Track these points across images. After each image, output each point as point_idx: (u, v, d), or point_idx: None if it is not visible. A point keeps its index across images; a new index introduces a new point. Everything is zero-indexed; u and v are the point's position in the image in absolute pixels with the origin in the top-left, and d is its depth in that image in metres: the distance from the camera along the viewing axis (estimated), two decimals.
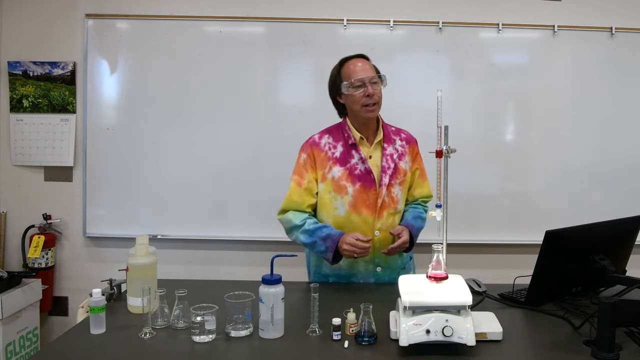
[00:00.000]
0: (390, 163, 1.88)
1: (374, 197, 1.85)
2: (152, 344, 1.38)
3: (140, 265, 1.57)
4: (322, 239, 1.80)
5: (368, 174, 1.85)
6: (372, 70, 1.86)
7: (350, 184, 1.85)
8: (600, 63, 2.86)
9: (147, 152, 2.91)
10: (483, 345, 1.34)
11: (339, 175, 1.85)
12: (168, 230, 2.93)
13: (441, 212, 1.48)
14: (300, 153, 1.94)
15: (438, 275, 1.40)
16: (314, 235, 1.82)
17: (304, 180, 1.90)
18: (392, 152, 1.91)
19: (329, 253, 1.79)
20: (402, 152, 1.92)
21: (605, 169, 2.89)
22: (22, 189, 3.00)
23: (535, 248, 1.63)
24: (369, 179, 1.85)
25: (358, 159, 1.86)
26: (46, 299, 2.87)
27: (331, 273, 1.93)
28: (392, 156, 1.90)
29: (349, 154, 1.87)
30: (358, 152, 1.87)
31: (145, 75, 2.89)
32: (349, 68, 1.86)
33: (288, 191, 1.92)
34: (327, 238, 1.80)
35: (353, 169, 1.85)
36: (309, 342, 1.40)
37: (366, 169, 1.85)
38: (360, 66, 1.85)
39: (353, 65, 1.86)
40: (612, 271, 1.59)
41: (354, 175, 1.85)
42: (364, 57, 1.90)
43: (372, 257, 1.89)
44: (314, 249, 1.84)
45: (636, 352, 1.32)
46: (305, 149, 1.93)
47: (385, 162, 1.88)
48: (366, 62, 1.88)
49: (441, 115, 1.48)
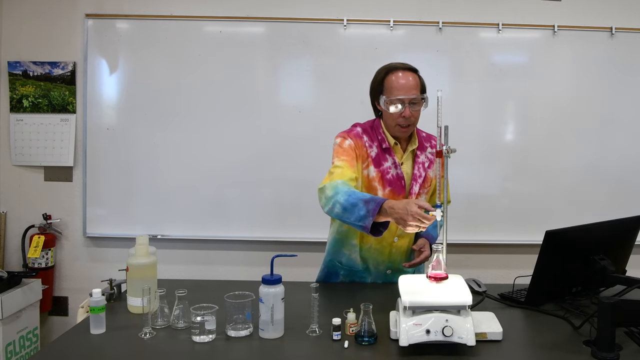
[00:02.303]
0: (421, 172, 1.85)
1: None
2: (152, 344, 1.38)
3: (140, 265, 1.57)
4: (365, 202, 1.58)
5: (399, 180, 1.81)
6: (415, 88, 1.75)
7: (381, 187, 1.80)
8: (600, 63, 2.86)
9: (147, 152, 2.91)
10: (483, 345, 1.34)
11: (373, 175, 1.80)
12: (168, 230, 2.93)
13: (441, 212, 1.48)
14: (343, 140, 1.80)
15: (438, 275, 1.40)
16: (355, 197, 1.61)
17: (354, 162, 1.77)
18: (424, 160, 1.86)
19: (368, 218, 1.55)
20: (432, 160, 1.88)
21: (605, 169, 2.89)
22: (22, 189, 3.00)
23: (535, 248, 1.63)
24: (400, 185, 1.81)
25: (391, 163, 1.81)
26: (46, 299, 2.87)
27: (345, 265, 1.90)
28: (424, 164, 1.86)
29: (382, 156, 1.81)
30: (392, 156, 1.81)
31: (145, 75, 2.89)
32: (391, 81, 1.76)
33: (334, 169, 1.74)
34: (370, 201, 1.58)
35: (385, 172, 1.80)
36: (309, 342, 1.40)
37: (398, 175, 1.81)
38: (403, 83, 1.74)
39: (397, 79, 1.75)
40: (612, 271, 1.59)
41: (386, 179, 1.80)
42: (411, 70, 1.78)
43: (385, 260, 1.88)
44: (352, 214, 1.59)
45: (636, 352, 1.32)
46: (350, 137, 1.80)
47: (417, 171, 1.84)
48: (412, 77, 1.76)
49: (441, 115, 1.48)
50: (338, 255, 1.92)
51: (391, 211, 1.53)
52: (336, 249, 1.92)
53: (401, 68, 1.77)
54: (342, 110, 2.80)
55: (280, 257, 1.46)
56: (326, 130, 2.72)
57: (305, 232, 2.86)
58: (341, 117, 1.96)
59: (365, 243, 1.87)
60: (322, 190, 1.70)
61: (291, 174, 2.87)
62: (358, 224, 1.59)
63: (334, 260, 1.93)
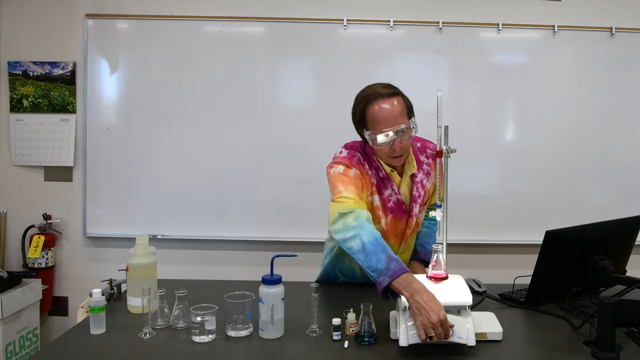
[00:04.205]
0: (420, 191, 1.79)
1: (402, 226, 1.78)
2: (152, 344, 1.38)
3: (140, 265, 1.57)
4: (389, 257, 1.42)
5: (400, 205, 1.76)
6: (401, 116, 1.60)
7: (384, 216, 1.75)
8: (600, 63, 2.86)
9: (147, 152, 2.91)
10: (483, 345, 1.34)
11: (377, 204, 1.74)
12: (168, 230, 2.93)
13: (441, 212, 1.48)
14: (347, 168, 1.67)
15: (438, 275, 1.40)
16: (380, 244, 1.46)
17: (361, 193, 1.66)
18: (422, 178, 1.80)
19: (385, 277, 1.38)
20: (428, 171, 1.83)
21: (605, 169, 2.89)
22: (22, 189, 3.00)
23: (535, 248, 1.63)
24: (401, 210, 1.77)
25: (391, 189, 1.74)
26: (46, 299, 2.87)
27: (346, 272, 1.90)
28: (422, 182, 1.80)
29: (382, 184, 1.74)
30: (390, 182, 1.74)
31: (145, 75, 2.89)
32: (374, 113, 1.60)
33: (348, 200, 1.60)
34: (394, 260, 1.42)
35: (387, 200, 1.74)
36: (309, 342, 1.39)
37: (398, 200, 1.75)
38: (387, 113, 1.58)
39: (379, 110, 1.59)
40: (612, 271, 1.59)
41: (388, 207, 1.75)
42: (392, 95, 1.61)
43: None
44: (369, 260, 1.43)
45: (636, 352, 1.32)
46: (354, 165, 1.69)
47: (415, 191, 1.78)
48: (396, 102, 1.60)
49: (441, 115, 1.48)
50: (338, 264, 1.90)
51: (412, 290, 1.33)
52: (337, 259, 1.89)
53: (381, 96, 1.61)
54: (342, 110, 2.74)
55: (280, 257, 1.46)
56: (326, 130, 2.75)
57: (305, 232, 2.86)
58: (341, 117, 1.95)
59: None
60: (344, 215, 1.54)
61: (291, 174, 2.87)
62: (370, 273, 1.43)
63: (335, 269, 1.92)
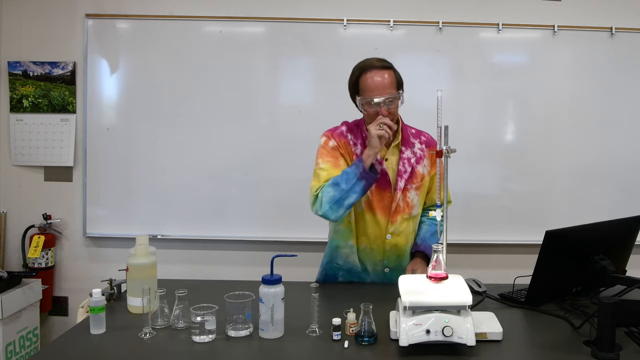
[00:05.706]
0: (407, 167, 1.84)
1: (388, 199, 1.82)
2: (152, 344, 1.38)
3: (140, 265, 1.57)
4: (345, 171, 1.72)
5: (384, 176, 1.81)
6: (390, 86, 1.74)
7: None
8: (600, 63, 2.86)
9: (147, 152, 2.91)
10: (483, 345, 1.34)
11: None
12: (168, 230, 2.93)
13: (441, 212, 1.48)
14: (327, 140, 1.85)
15: (438, 275, 1.40)
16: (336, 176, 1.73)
17: (340, 162, 1.80)
18: (410, 155, 1.85)
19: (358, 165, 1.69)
20: (421, 156, 1.87)
21: (605, 168, 2.89)
22: (22, 189, 3.00)
23: (535, 248, 1.63)
24: (384, 181, 1.81)
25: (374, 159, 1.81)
26: (46, 299, 2.87)
27: (344, 267, 1.91)
28: (410, 160, 1.85)
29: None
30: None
31: (145, 75, 2.89)
32: (366, 82, 1.75)
33: (320, 171, 1.79)
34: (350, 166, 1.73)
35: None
36: (309, 342, 1.40)
37: (382, 171, 1.81)
38: (378, 82, 1.73)
39: (371, 79, 1.74)
40: (612, 271, 1.59)
41: None
42: (384, 68, 1.76)
43: (381, 259, 1.88)
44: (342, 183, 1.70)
45: (636, 352, 1.32)
46: (334, 137, 1.85)
47: (401, 166, 1.83)
48: (387, 75, 1.75)
49: (441, 115, 1.48)
50: (336, 257, 1.92)
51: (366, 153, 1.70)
52: (334, 251, 1.92)
53: (375, 67, 1.75)
54: (342, 110, 2.77)
55: (280, 257, 1.46)
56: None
57: (305, 232, 2.86)
58: (341, 117, 1.96)
59: (361, 244, 1.87)
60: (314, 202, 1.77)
61: (291, 174, 2.87)
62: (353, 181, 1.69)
63: (332, 262, 1.93)
